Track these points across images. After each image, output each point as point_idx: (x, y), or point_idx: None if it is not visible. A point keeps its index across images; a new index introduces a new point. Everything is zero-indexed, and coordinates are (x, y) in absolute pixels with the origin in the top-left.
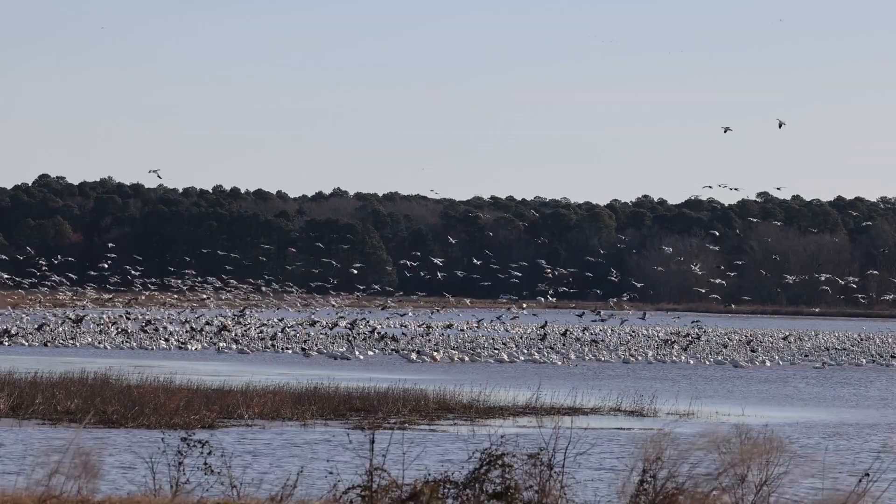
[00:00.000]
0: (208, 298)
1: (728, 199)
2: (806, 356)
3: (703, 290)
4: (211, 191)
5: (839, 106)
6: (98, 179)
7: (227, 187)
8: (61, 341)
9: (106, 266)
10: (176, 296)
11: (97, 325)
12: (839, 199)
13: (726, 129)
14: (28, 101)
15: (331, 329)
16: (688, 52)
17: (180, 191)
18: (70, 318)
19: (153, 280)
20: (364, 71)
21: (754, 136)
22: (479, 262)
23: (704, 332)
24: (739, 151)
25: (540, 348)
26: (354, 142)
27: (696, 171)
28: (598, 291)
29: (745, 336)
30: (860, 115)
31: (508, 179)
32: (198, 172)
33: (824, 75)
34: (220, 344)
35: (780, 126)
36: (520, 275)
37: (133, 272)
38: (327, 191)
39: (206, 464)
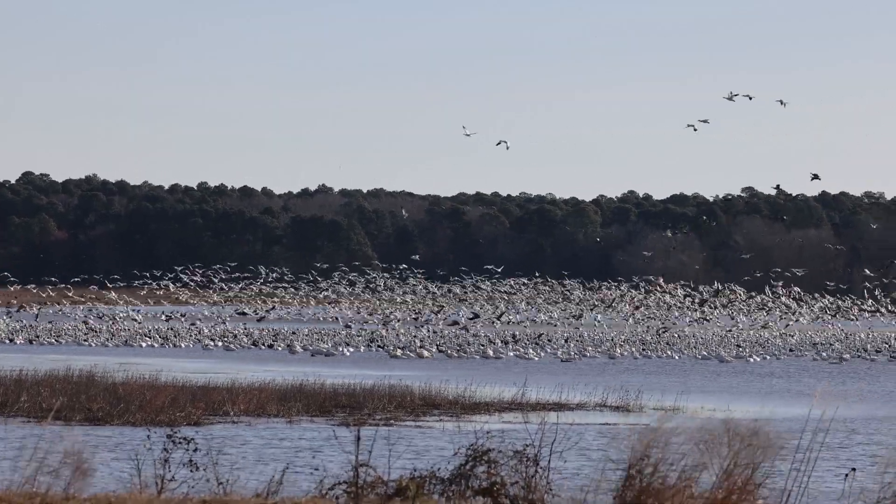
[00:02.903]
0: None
1: (712, 194)
2: (791, 351)
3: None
4: (196, 188)
5: (824, 103)
6: (83, 177)
7: (213, 184)
8: (46, 339)
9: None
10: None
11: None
12: (824, 194)
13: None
14: (16, 99)
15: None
16: (688, 51)
17: (166, 188)
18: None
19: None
20: (364, 71)
21: (740, 134)
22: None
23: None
24: (723, 147)
25: (526, 344)
26: (354, 141)
27: (680, 170)
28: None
29: (727, 331)
30: (845, 112)
31: (494, 176)
32: (183, 170)
33: (816, 74)
34: (206, 341)
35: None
36: (497, 270)
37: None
38: (312, 187)
39: (191, 461)
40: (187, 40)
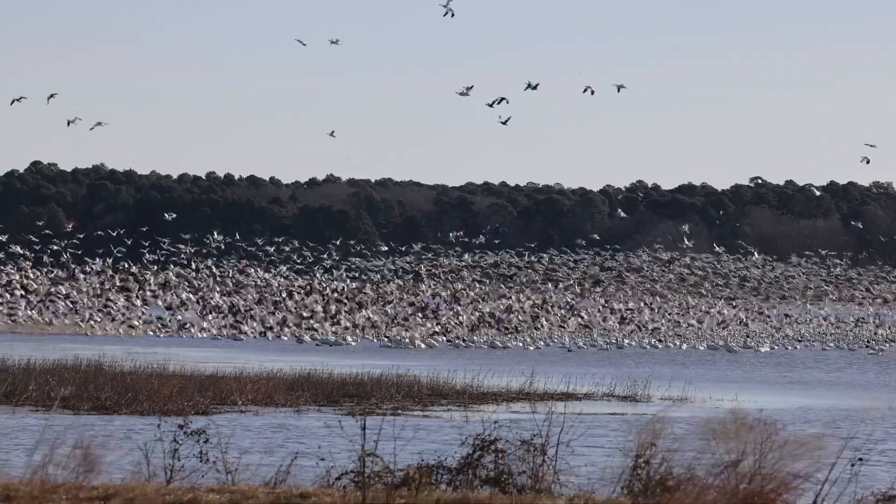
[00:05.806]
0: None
1: (721, 184)
2: (800, 341)
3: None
4: (204, 177)
5: (830, 91)
6: (91, 166)
7: (221, 174)
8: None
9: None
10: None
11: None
12: (832, 183)
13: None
14: (24, 89)
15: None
16: (688, 48)
17: (174, 177)
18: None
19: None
20: (372, 61)
21: (747, 122)
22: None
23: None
24: (732, 137)
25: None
26: (362, 131)
27: (688, 158)
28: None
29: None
30: (852, 99)
31: (501, 166)
32: (191, 160)
33: (813, 60)
34: (214, 331)
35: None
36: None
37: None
38: (320, 177)
39: (201, 452)
40: (198, 31)
